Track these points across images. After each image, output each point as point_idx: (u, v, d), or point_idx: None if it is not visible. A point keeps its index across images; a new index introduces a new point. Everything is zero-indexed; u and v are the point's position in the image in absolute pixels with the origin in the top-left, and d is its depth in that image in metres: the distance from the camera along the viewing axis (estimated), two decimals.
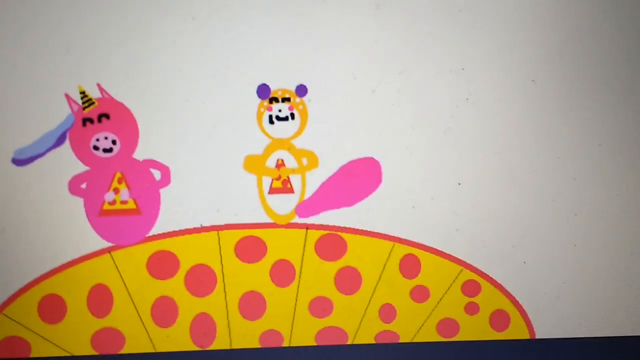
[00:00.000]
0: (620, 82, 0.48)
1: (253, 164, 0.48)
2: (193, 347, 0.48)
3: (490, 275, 0.49)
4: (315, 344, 0.48)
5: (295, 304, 0.48)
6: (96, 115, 0.47)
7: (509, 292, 0.49)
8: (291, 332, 0.49)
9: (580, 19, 0.47)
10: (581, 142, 0.48)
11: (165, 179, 0.48)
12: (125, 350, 0.48)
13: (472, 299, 0.49)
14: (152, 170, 0.48)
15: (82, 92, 0.47)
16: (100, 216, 0.47)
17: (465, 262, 0.49)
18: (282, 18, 0.47)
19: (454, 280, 0.49)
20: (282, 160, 0.48)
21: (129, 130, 0.47)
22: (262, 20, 0.47)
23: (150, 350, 0.48)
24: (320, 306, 0.49)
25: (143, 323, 0.48)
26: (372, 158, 0.48)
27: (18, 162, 0.46)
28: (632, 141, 0.48)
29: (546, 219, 0.49)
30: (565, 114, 0.48)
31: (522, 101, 0.48)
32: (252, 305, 0.48)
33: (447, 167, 0.48)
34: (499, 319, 0.49)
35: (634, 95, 0.48)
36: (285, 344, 0.48)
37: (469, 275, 0.49)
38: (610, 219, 0.49)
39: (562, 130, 0.48)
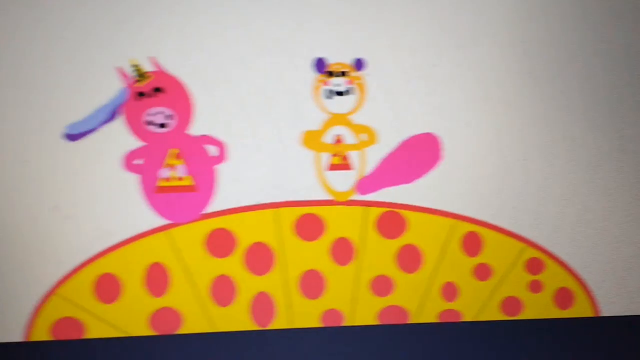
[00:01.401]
0: None
1: (311, 139, 0.47)
2: (253, 327, 0.47)
3: (554, 252, 0.48)
4: (376, 323, 0.48)
5: (356, 283, 0.48)
6: (150, 89, 0.46)
7: (572, 270, 0.48)
8: (352, 311, 0.48)
9: None
10: None
11: (222, 155, 0.46)
12: (183, 330, 0.47)
13: (535, 277, 0.48)
14: (207, 146, 0.47)
15: (135, 65, 0.46)
16: (156, 193, 0.46)
17: (528, 240, 0.48)
18: None
19: (517, 258, 0.48)
20: (341, 136, 0.47)
21: (184, 105, 0.46)
22: None
23: (208, 329, 0.47)
24: (382, 285, 0.48)
25: (201, 302, 0.47)
26: (432, 134, 0.47)
27: (71, 137, 0.45)
28: None
29: (610, 195, 0.48)
30: (631, 87, 0.47)
31: (585, 75, 0.47)
32: (312, 283, 0.47)
33: (508, 143, 0.47)
34: (563, 296, 0.48)
35: None
36: (346, 323, 0.48)
37: (532, 252, 0.48)
38: None
39: (629, 108, 0.47)
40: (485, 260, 0.48)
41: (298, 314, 0.47)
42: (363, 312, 0.48)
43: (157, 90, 0.46)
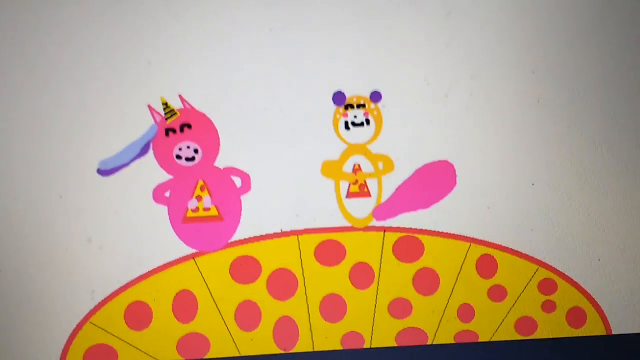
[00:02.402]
0: None
1: (330, 169, 0.49)
2: (276, 350, 0.49)
3: (566, 273, 0.50)
4: (395, 345, 0.49)
5: (375, 306, 0.49)
6: (178, 125, 0.48)
7: (584, 289, 0.50)
8: (372, 333, 0.50)
9: None
10: None
11: (246, 186, 0.49)
12: (211, 354, 0.49)
13: (548, 297, 0.50)
14: (232, 177, 0.49)
15: (165, 103, 0.48)
16: (183, 223, 0.48)
17: (541, 261, 0.50)
18: (356, 27, 0.48)
19: (531, 279, 0.50)
20: (359, 165, 0.49)
21: (210, 139, 0.48)
22: (336, 30, 0.48)
23: (234, 354, 0.49)
24: (400, 307, 0.49)
25: (227, 327, 0.49)
26: (447, 161, 0.49)
27: (103, 172, 0.48)
28: None
29: (619, 217, 0.50)
30: (638, 115, 0.49)
31: (594, 102, 0.49)
32: (332, 307, 0.49)
33: (520, 168, 0.49)
34: (576, 316, 0.50)
35: None
36: (366, 346, 0.49)
37: (545, 273, 0.50)
38: None
39: (635, 131, 0.49)
40: (499, 282, 0.50)
41: (319, 337, 0.49)
42: (382, 334, 0.50)
43: (185, 126, 0.49)
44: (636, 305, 0.50)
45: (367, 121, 0.49)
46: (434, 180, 0.49)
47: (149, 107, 0.48)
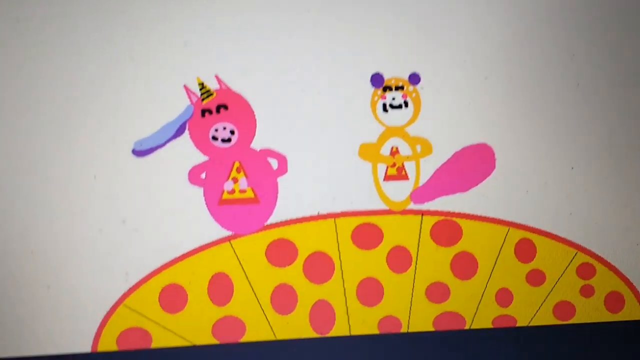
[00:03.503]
0: None
1: (368, 152, 0.48)
2: (313, 334, 0.48)
3: (605, 258, 0.49)
4: (433, 330, 0.49)
5: (413, 290, 0.49)
6: (215, 106, 0.48)
7: (622, 274, 0.50)
8: (409, 317, 0.49)
9: None
10: None
11: (282, 168, 0.48)
12: (246, 338, 0.48)
13: (587, 282, 0.49)
14: (269, 159, 0.48)
15: (201, 84, 0.47)
16: (219, 205, 0.48)
17: (580, 245, 0.49)
18: (394, 8, 0.48)
19: (569, 264, 0.49)
20: (397, 148, 0.49)
21: (247, 120, 0.48)
22: (374, 10, 0.47)
23: (270, 338, 0.48)
24: (438, 292, 0.49)
25: (263, 311, 0.48)
26: (485, 144, 0.49)
27: (138, 153, 0.47)
28: None
29: None
30: None
31: (633, 86, 0.49)
32: (369, 291, 0.49)
33: (559, 152, 0.49)
34: (614, 300, 0.50)
35: None
36: (403, 330, 0.49)
37: (584, 258, 0.49)
38: None
39: None
40: (538, 266, 0.49)
41: (356, 321, 0.49)
42: (419, 318, 0.49)
43: (221, 106, 0.48)
44: None
45: (406, 103, 0.48)
46: (472, 164, 0.49)
47: (185, 87, 0.47)
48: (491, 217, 0.49)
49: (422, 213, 0.49)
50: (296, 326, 0.48)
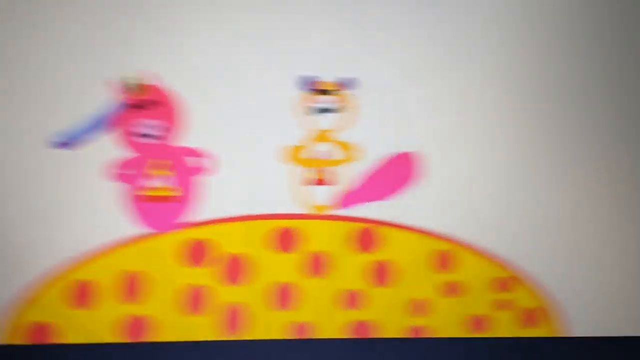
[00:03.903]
0: None
1: (293, 154, 0.48)
2: (225, 337, 0.48)
3: (529, 271, 0.49)
4: (347, 337, 0.49)
5: (329, 296, 0.48)
6: (143, 102, 0.47)
7: (543, 289, 0.49)
8: (325, 324, 0.49)
9: None
10: None
11: (207, 167, 0.48)
12: (159, 338, 0.47)
13: (506, 295, 0.49)
14: (195, 158, 0.48)
15: (131, 78, 0.47)
16: (139, 202, 0.47)
17: (500, 258, 0.49)
18: (330, 11, 0.48)
19: (491, 277, 0.49)
20: (325, 152, 0.49)
21: (174, 117, 0.47)
22: (310, 11, 0.48)
23: (184, 338, 0.47)
24: (354, 298, 0.49)
25: (177, 311, 0.47)
26: (412, 152, 0.49)
27: (61, 145, 0.46)
28: None
29: (585, 217, 0.50)
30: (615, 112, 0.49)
31: (571, 97, 0.49)
32: (286, 296, 0.48)
33: (490, 162, 0.49)
34: (535, 316, 0.49)
35: None
36: (316, 336, 0.48)
37: (504, 271, 0.49)
38: None
39: (610, 128, 0.49)
40: (457, 278, 0.49)
41: (269, 325, 0.48)
42: (335, 325, 0.49)
43: (150, 102, 0.47)
44: (597, 308, 0.50)
45: (336, 108, 0.49)
46: (398, 172, 0.49)
47: (111, 81, 0.46)
48: (415, 226, 0.49)
49: (346, 219, 0.49)
50: (210, 328, 0.48)
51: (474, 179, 0.49)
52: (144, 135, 0.47)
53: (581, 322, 0.50)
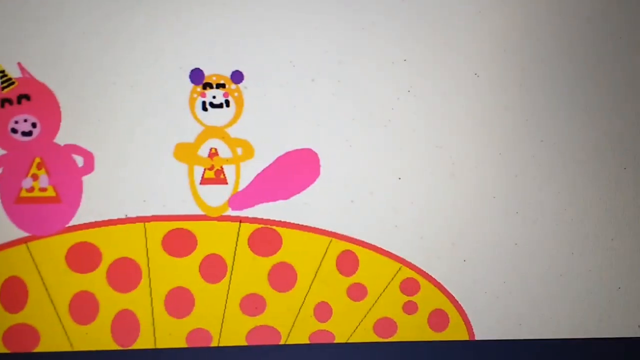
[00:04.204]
0: (563, 79, 0.47)
1: (184, 152, 0.45)
2: (114, 346, 0.45)
3: (430, 273, 0.47)
4: (246, 344, 0.46)
5: (226, 302, 0.46)
6: (15, 96, 0.44)
7: (448, 291, 0.48)
8: (221, 331, 0.46)
9: (525, 13, 0.47)
10: (523, 138, 0.47)
11: (89, 166, 0.45)
12: (40, 348, 0.44)
13: (410, 298, 0.47)
14: (74, 156, 0.45)
15: (1, 71, 0.44)
16: (16, 204, 0.44)
17: (404, 260, 0.47)
18: (218, 2, 0.45)
19: (392, 278, 0.47)
20: (216, 150, 0.46)
21: (51, 113, 0.44)
22: (195, 4, 0.45)
23: (67, 348, 0.44)
24: (253, 304, 0.46)
25: (60, 319, 0.44)
26: (310, 149, 0.46)
27: None
28: (575, 139, 0.48)
29: (487, 217, 0.47)
30: (508, 110, 0.47)
31: (465, 95, 0.46)
32: (179, 302, 0.45)
33: (387, 161, 0.46)
34: (438, 318, 0.47)
35: (577, 93, 0.47)
36: (214, 344, 0.46)
37: (408, 273, 0.47)
38: (551, 217, 0.48)
39: (505, 126, 0.47)
40: (360, 280, 0.47)
41: (163, 333, 0.45)
42: (232, 332, 0.46)
43: (23, 97, 0.44)
44: (500, 311, 0.48)
45: (227, 102, 0.46)
46: (296, 170, 0.46)
47: None
48: (313, 226, 0.46)
49: (240, 220, 0.46)
50: (96, 337, 0.45)
51: (373, 178, 0.46)
52: (18, 132, 0.44)
53: (484, 326, 0.48)
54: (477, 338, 0.48)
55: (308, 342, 0.47)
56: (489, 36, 0.47)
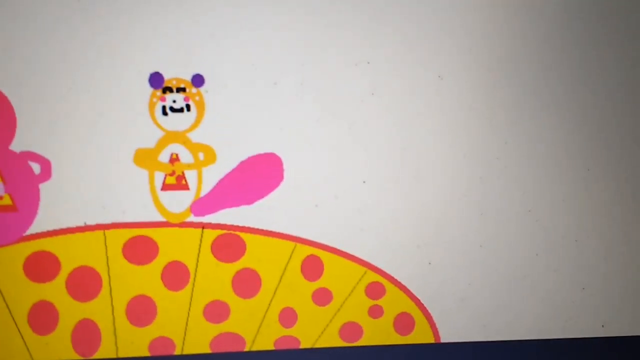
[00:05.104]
0: (529, 79, 0.47)
1: (144, 158, 0.44)
2: (75, 357, 0.44)
3: (395, 277, 0.47)
4: (210, 352, 0.46)
5: (189, 309, 0.45)
6: None
7: (413, 294, 0.47)
8: (184, 339, 0.45)
9: (489, 13, 0.46)
10: (488, 140, 0.47)
11: (46, 173, 0.44)
12: None
13: (376, 302, 0.47)
14: (30, 163, 0.44)
15: None
16: None
17: (370, 263, 0.47)
18: (176, 4, 0.44)
19: (358, 282, 0.47)
20: (177, 155, 0.45)
21: (5, 118, 0.43)
22: (154, 5, 0.43)
23: None
24: (216, 311, 0.45)
25: (19, 330, 0.44)
26: (273, 154, 0.46)
27: None
28: (539, 140, 0.48)
29: (452, 219, 0.47)
30: (472, 111, 0.47)
31: (429, 97, 0.46)
32: (141, 310, 0.45)
33: (351, 164, 0.46)
34: (404, 322, 0.47)
35: (542, 93, 0.47)
36: (177, 352, 0.45)
37: (373, 277, 0.47)
38: (516, 219, 0.48)
39: (469, 128, 0.47)
40: (325, 285, 0.47)
41: (124, 342, 0.45)
42: (196, 339, 0.46)
43: None
44: (466, 313, 0.48)
45: (188, 107, 0.45)
46: (259, 174, 0.45)
47: None
48: (277, 231, 0.46)
49: (203, 226, 0.45)
50: (56, 348, 0.44)
51: (338, 181, 0.46)
52: None
53: (450, 328, 0.48)
54: (442, 341, 0.48)
55: (273, 348, 0.46)
56: (453, 37, 0.46)
